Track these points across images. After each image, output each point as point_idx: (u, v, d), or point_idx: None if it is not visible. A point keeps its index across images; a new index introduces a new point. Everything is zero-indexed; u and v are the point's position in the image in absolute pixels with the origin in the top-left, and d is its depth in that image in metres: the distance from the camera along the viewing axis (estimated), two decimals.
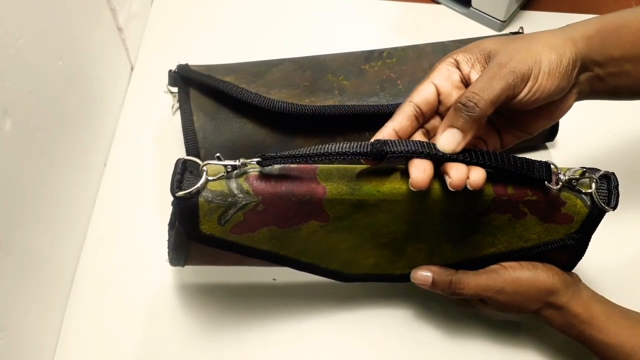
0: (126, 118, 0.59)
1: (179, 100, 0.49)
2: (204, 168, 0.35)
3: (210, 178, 0.35)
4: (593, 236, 0.40)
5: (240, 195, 0.36)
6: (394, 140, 0.36)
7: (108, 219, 0.53)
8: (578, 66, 0.37)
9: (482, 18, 0.67)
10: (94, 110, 0.53)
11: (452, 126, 0.35)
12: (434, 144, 0.36)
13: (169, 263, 0.42)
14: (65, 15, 0.47)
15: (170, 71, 0.50)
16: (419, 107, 0.38)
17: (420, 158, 0.35)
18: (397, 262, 0.42)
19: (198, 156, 0.47)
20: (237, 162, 0.35)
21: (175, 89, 0.51)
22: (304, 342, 0.47)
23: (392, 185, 0.37)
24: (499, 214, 0.39)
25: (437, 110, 0.39)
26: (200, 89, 0.49)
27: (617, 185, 0.39)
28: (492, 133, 0.40)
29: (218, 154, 0.36)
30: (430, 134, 0.39)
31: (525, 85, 0.35)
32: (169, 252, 0.41)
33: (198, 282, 0.50)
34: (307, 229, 0.38)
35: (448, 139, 0.35)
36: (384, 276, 0.43)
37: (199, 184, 0.35)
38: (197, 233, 0.37)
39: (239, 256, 0.41)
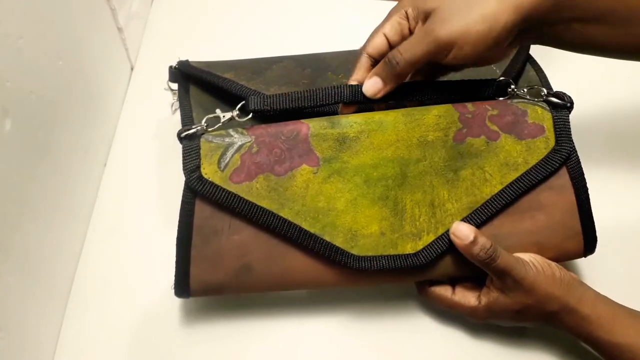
0: (126, 118, 0.59)
1: (179, 97, 0.49)
2: (205, 122, 0.42)
3: (210, 130, 0.42)
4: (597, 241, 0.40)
5: (236, 135, 0.41)
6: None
7: (108, 219, 0.53)
8: (516, 31, 0.39)
9: None
10: (94, 110, 0.54)
11: (377, 75, 0.41)
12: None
13: (174, 293, 0.43)
14: (65, 15, 0.47)
15: (170, 67, 0.50)
16: (373, 57, 0.42)
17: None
18: (401, 228, 0.41)
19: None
20: (232, 113, 0.42)
21: (175, 86, 0.51)
22: (304, 343, 0.47)
23: (365, 116, 0.42)
24: (474, 137, 0.42)
25: None
26: (200, 85, 0.49)
27: (564, 93, 0.44)
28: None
29: (218, 109, 0.43)
30: None
31: (448, 53, 0.39)
32: (175, 279, 0.42)
33: None
34: (300, 177, 0.41)
35: (370, 84, 0.41)
36: (395, 258, 0.41)
37: (201, 125, 0.42)
38: (200, 177, 0.40)
39: (242, 251, 0.41)
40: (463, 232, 0.40)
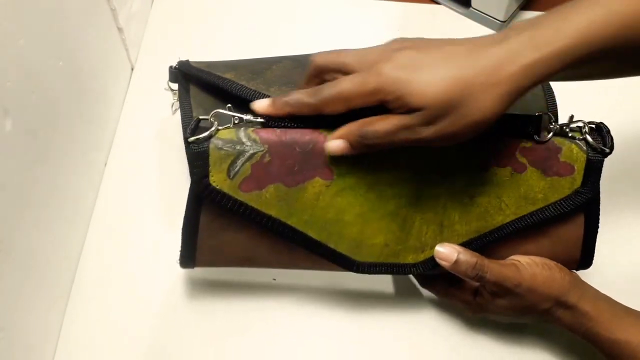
0: (126, 118, 0.59)
1: (179, 97, 0.49)
2: (214, 119, 0.38)
3: (220, 128, 0.38)
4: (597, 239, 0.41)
5: (248, 143, 0.38)
6: None
7: (108, 218, 0.53)
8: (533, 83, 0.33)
9: (481, 18, 0.67)
10: (94, 110, 0.54)
11: (347, 139, 0.37)
12: None
13: (179, 264, 0.43)
14: (65, 15, 0.47)
15: (170, 67, 0.50)
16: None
17: None
18: (406, 241, 0.42)
19: None
20: (244, 116, 0.39)
21: (175, 86, 0.51)
22: (304, 344, 0.47)
23: None
24: (499, 167, 0.40)
25: None
26: (200, 85, 0.49)
27: (609, 131, 0.40)
28: None
29: (229, 105, 0.39)
30: None
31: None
32: (180, 250, 0.42)
33: (198, 283, 0.50)
34: (312, 189, 0.39)
35: (336, 145, 0.37)
36: (396, 266, 0.42)
37: (210, 130, 0.38)
38: (207, 186, 0.38)
39: (247, 246, 0.41)
40: (445, 254, 0.40)
